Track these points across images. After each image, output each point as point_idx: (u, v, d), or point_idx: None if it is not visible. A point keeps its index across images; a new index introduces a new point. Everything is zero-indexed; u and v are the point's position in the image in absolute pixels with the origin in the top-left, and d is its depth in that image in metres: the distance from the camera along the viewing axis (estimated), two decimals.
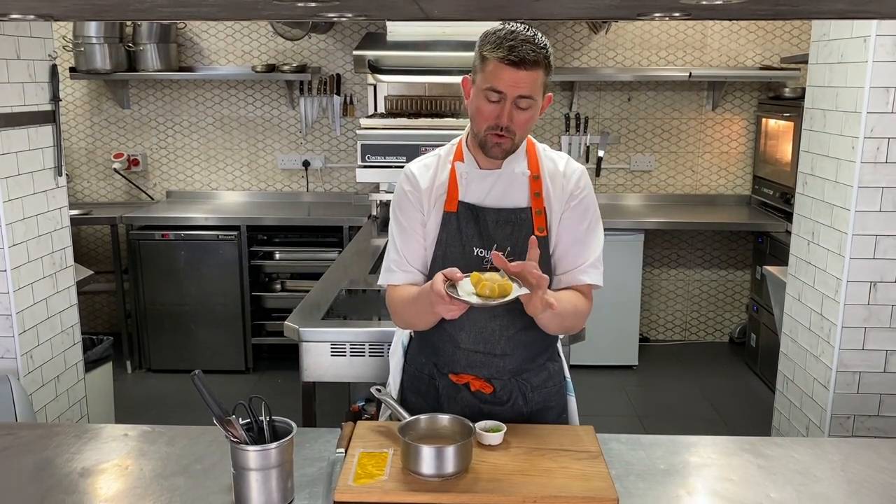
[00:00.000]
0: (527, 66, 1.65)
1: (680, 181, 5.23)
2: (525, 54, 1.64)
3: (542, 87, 1.70)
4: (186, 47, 5.08)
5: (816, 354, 2.88)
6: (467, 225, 1.81)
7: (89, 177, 5.28)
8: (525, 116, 1.71)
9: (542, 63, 1.67)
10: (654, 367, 4.91)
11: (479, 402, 1.85)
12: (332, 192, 5.26)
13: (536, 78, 1.67)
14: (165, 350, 4.71)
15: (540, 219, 1.80)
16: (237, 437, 1.46)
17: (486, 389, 1.84)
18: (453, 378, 1.86)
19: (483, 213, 1.80)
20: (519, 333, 1.83)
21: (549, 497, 1.49)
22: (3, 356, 2.73)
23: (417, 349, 1.95)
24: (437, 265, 1.80)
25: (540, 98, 1.72)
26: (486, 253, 1.79)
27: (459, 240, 1.81)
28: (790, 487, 1.59)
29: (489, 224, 1.80)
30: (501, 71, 1.66)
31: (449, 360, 1.87)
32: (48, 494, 1.55)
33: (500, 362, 1.84)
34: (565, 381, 1.98)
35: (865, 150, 2.60)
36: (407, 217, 1.85)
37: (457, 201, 1.81)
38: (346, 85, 5.10)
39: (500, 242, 1.78)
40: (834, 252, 2.77)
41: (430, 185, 1.84)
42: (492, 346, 1.83)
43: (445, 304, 1.56)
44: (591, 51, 5.05)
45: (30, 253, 2.79)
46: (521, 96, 1.67)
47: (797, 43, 4.98)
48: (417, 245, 1.84)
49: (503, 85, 1.67)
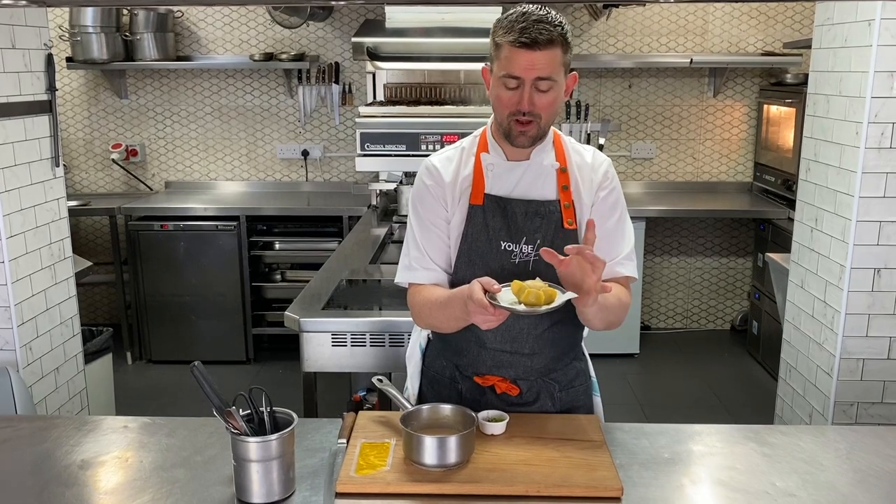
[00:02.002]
0: (541, 47, 1.58)
1: (681, 168, 5.20)
2: (537, 34, 1.58)
3: (562, 67, 1.63)
4: (184, 36, 5.04)
5: (819, 342, 2.87)
6: (494, 218, 1.73)
7: (87, 167, 5.25)
8: (548, 99, 1.64)
9: (557, 41, 1.60)
10: (656, 356, 4.90)
11: (506, 404, 1.78)
12: (331, 181, 5.23)
13: (554, 57, 1.60)
14: (165, 341, 4.70)
15: (569, 212, 1.74)
16: (238, 428, 1.44)
17: (512, 392, 1.78)
18: (478, 380, 1.80)
19: (511, 204, 1.73)
20: (547, 331, 1.77)
21: (552, 486, 1.48)
22: (3, 348, 2.72)
23: (437, 351, 1.88)
24: (463, 261, 1.75)
25: (561, 78, 1.64)
26: (513, 247, 1.73)
27: (486, 234, 1.73)
28: (795, 476, 1.58)
29: (518, 216, 1.73)
30: (515, 55, 1.60)
31: (473, 361, 1.80)
32: (48, 487, 1.54)
33: (528, 362, 1.78)
34: (591, 380, 1.92)
35: (869, 135, 2.58)
36: (429, 212, 1.77)
37: (483, 194, 1.74)
38: (344, 73, 5.06)
39: (530, 235, 1.72)
40: (837, 238, 2.75)
41: (453, 178, 1.77)
42: (520, 346, 1.77)
43: (487, 315, 1.50)
44: (592, 37, 5.02)
45: (28, 244, 2.78)
46: (540, 78, 1.61)
47: (799, 28, 4.95)
48: (440, 242, 1.77)
49: (519, 69, 1.60)
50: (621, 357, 4.76)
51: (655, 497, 1.50)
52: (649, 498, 1.49)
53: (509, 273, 1.70)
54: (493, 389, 1.79)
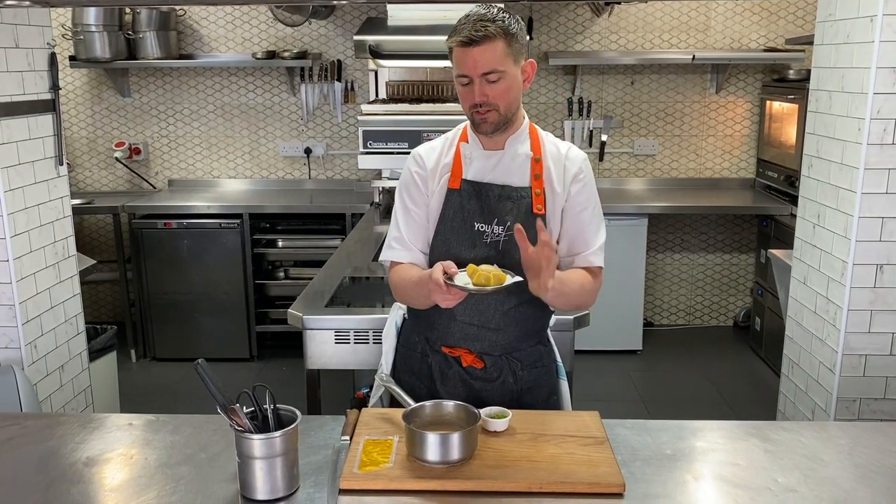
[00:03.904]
0: (479, 43, 1.70)
1: (684, 165, 5.20)
2: (473, 33, 1.70)
3: (508, 57, 1.74)
4: (186, 35, 5.05)
5: (822, 338, 2.87)
6: (469, 201, 1.88)
7: (91, 166, 5.26)
8: (499, 89, 1.75)
9: (496, 35, 1.71)
10: (659, 352, 4.90)
11: (471, 377, 1.92)
12: (334, 179, 5.24)
13: (494, 51, 1.71)
14: (169, 339, 4.71)
15: (539, 198, 1.87)
16: (242, 425, 1.45)
17: (477, 364, 1.92)
18: (446, 350, 1.93)
19: (485, 188, 1.87)
20: (513, 309, 1.90)
21: (555, 483, 1.49)
22: (7, 346, 2.73)
23: (411, 328, 2.02)
24: (440, 240, 1.89)
25: (511, 68, 1.75)
26: (486, 228, 1.86)
27: (462, 215, 1.88)
28: (797, 472, 1.58)
29: (491, 199, 1.87)
30: (460, 54, 1.74)
31: (443, 333, 1.93)
32: (53, 484, 1.55)
33: (494, 336, 1.91)
34: (556, 364, 2.05)
35: (872, 131, 2.57)
36: (412, 197, 1.92)
37: (460, 179, 1.89)
38: (346, 71, 5.07)
39: (500, 217, 1.86)
40: (840, 235, 2.75)
41: (435, 164, 1.92)
42: (486, 320, 1.90)
43: (443, 293, 1.65)
44: (594, 34, 5.01)
45: (32, 243, 2.79)
46: (485, 73, 1.73)
47: (801, 24, 4.94)
48: (420, 225, 1.91)
49: (465, 68, 1.74)
50: (624, 353, 4.76)
51: (658, 493, 1.50)
52: (652, 494, 1.50)
53: (481, 251, 1.86)
54: (460, 361, 1.92)
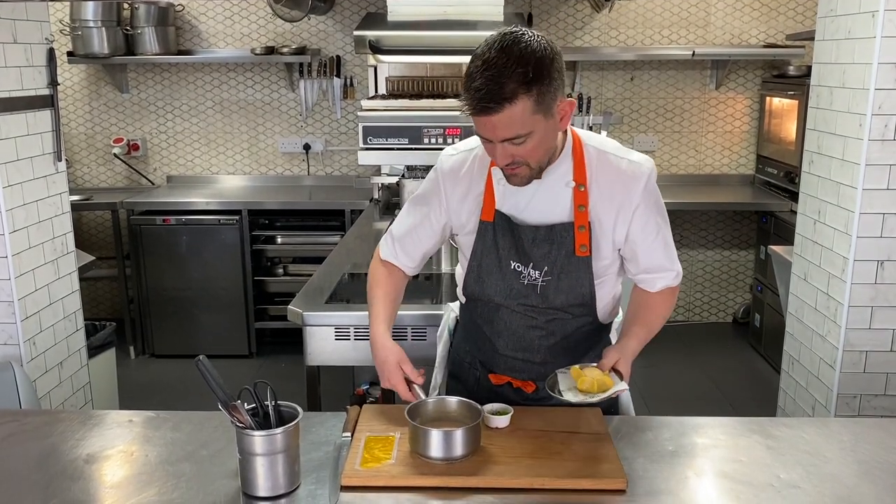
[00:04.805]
0: (495, 111, 1.44)
1: (683, 161, 5.19)
2: (489, 101, 1.43)
3: (536, 114, 1.47)
4: (185, 30, 5.03)
5: (822, 334, 2.87)
6: (503, 237, 1.70)
7: (89, 162, 5.25)
8: (526, 149, 1.52)
9: (517, 95, 1.43)
10: (658, 348, 4.82)
11: (520, 398, 1.81)
12: (333, 175, 5.23)
13: (515, 115, 1.45)
14: (168, 335, 4.70)
15: (583, 236, 1.66)
16: (243, 422, 1.45)
17: (527, 388, 1.82)
18: (493, 379, 1.84)
19: (518, 229, 1.69)
20: (559, 343, 1.78)
21: (557, 480, 1.48)
22: (6, 343, 2.72)
23: (462, 337, 1.94)
24: (472, 277, 1.76)
25: (540, 123, 1.50)
26: (522, 269, 1.70)
27: (496, 252, 1.72)
28: (799, 468, 1.58)
29: (525, 242, 1.69)
30: (477, 120, 1.50)
31: (489, 361, 1.85)
32: (53, 481, 1.54)
33: (541, 369, 1.78)
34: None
35: (873, 127, 2.57)
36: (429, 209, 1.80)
37: (493, 210, 1.70)
38: (346, 67, 5.05)
39: (537, 262, 1.69)
40: (841, 231, 2.74)
41: (465, 188, 1.74)
42: (531, 355, 1.79)
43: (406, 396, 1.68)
44: (594, 30, 5.00)
45: (31, 239, 2.78)
46: (506, 140, 1.50)
47: (802, 20, 4.93)
48: (421, 242, 1.84)
49: (484, 132, 1.52)
50: None
51: (660, 490, 1.50)
52: (654, 491, 1.49)
53: (518, 294, 1.73)
54: (509, 385, 1.83)
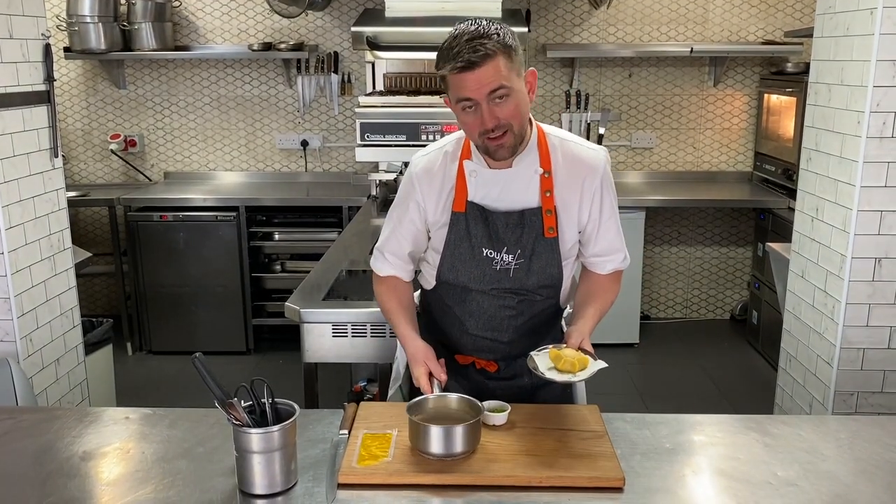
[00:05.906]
0: (479, 65, 1.60)
1: (681, 158, 5.19)
2: (471, 55, 1.59)
3: (511, 71, 1.63)
4: (182, 26, 5.01)
5: (820, 331, 2.87)
6: (476, 226, 1.80)
7: (86, 158, 5.23)
8: (509, 107, 1.65)
9: (495, 52, 1.61)
10: (656, 345, 4.90)
11: (484, 377, 1.92)
12: (330, 171, 5.22)
13: (497, 68, 1.61)
14: (166, 332, 4.70)
15: (550, 218, 1.78)
16: (239, 419, 1.44)
17: (490, 368, 1.92)
18: (458, 359, 1.92)
19: (492, 216, 1.79)
20: (527, 322, 1.88)
21: (555, 477, 1.48)
22: (3, 339, 2.71)
23: (424, 328, 1.98)
24: (447, 267, 1.85)
25: (516, 83, 1.65)
26: (495, 255, 1.80)
27: (468, 241, 1.81)
28: (797, 466, 1.58)
29: (499, 228, 1.79)
30: (460, 80, 1.63)
31: (455, 342, 1.93)
32: (50, 478, 1.54)
33: (507, 348, 1.90)
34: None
35: (871, 124, 2.57)
36: (408, 211, 1.86)
37: (465, 201, 1.80)
38: (343, 63, 5.04)
39: (510, 246, 1.79)
40: (838, 228, 2.74)
41: (439, 185, 1.82)
42: (499, 334, 1.88)
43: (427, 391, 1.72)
44: (592, 26, 4.99)
45: (27, 235, 2.77)
46: (491, 92, 1.62)
47: (800, 17, 4.93)
48: (406, 242, 1.89)
49: (468, 91, 1.63)
50: (621, 347, 4.76)
51: (657, 487, 1.50)
52: (651, 488, 1.49)
53: (491, 279, 1.82)
54: (473, 365, 1.92)
